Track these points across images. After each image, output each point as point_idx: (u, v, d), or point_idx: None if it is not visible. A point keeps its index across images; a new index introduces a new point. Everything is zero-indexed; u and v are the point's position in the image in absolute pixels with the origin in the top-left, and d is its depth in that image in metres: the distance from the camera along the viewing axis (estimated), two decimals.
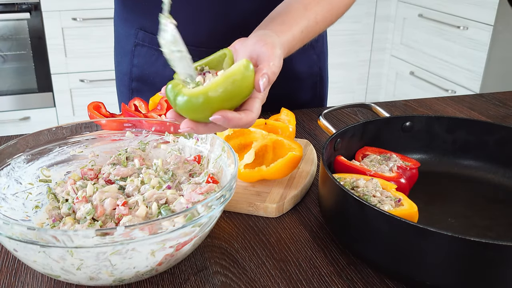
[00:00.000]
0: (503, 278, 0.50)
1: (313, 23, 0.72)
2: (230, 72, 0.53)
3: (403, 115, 0.78)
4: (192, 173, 0.66)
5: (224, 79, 0.53)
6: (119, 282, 0.53)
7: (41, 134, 0.67)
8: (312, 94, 1.09)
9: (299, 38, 0.70)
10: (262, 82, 0.55)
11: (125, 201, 0.57)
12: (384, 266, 0.57)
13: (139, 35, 0.98)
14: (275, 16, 0.70)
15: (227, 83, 0.53)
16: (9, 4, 2.31)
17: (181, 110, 0.54)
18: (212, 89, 0.53)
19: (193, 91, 0.53)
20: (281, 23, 0.68)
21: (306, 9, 0.72)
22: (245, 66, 0.53)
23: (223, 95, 0.53)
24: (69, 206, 0.59)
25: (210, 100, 0.53)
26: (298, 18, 0.70)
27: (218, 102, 0.53)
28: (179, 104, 0.54)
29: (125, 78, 1.04)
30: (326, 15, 0.74)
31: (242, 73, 0.53)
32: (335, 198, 0.60)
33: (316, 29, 0.74)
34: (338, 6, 0.77)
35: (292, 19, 0.69)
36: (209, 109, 0.54)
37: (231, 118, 0.54)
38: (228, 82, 0.53)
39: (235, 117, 0.54)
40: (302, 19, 0.70)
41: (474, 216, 0.67)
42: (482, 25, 2.22)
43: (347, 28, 2.84)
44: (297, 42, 0.70)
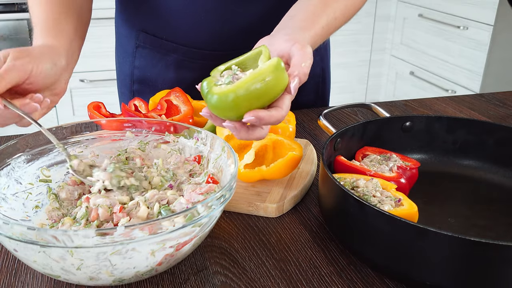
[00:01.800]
0: (503, 278, 0.50)
1: (332, 19, 0.73)
2: (260, 71, 0.53)
3: (403, 115, 0.78)
4: (192, 173, 0.66)
5: (254, 77, 0.52)
6: (119, 282, 0.53)
7: (41, 134, 0.67)
8: (314, 95, 1.09)
9: (320, 34, 0.70)
10: (293, 84, 0.55)
11: (122, 207, 0.57)
12: (384, 266, 0.57)
13: (141, 37, 0.98)
14: (295, 14, 0.70)
15: (256, 82, 0.52)
16: (9, 4, 2.31)
17: (212, 108, 0.55)
18: (242, 87, 0.52)
19: (222, 90, 0.53)
20: (302, 20, 0.68)
21: (326, 6, 0.72)
22: (276, 65, 0.53)
23: (253, 93, 0.53)
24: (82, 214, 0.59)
25: (239, 98, 0.53)
26: (318, 15, 0.70)
27: (248, 101, 0.53)
28: (210, 103, 0.54)
29: (126, 79, 1.04)
30: (344, 10, 0.75)
31: (273, 72, 0.53)
32: (335, 198, 0.60)
33: (336, 24, 0.74)
34: (354, 1, 0.77)
35: (313, 16, 0.70)
36: (239, 108, 0.54)
37: (263, 117, 0.54)
38: (258, 80, 0.52)
39: (266, 115, 0.54)
40: (323, 15, 0.71)
41: (474, 216, 0.67)
42: (482, 25, 2.22)
43: (347, 28, 2.82)
44: (318, 39, 0.70)
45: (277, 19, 0.72)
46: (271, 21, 0.78)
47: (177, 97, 0.84)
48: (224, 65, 0.60)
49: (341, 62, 2.91)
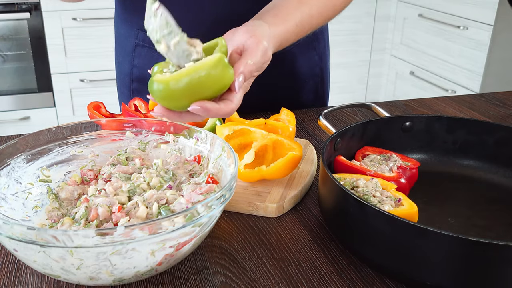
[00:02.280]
0: (503, 278, 0.50)
1: (307, 16, 0.72)
2: (199, 65, 0.53)
3: (403, 115, 0.78)
4: (192, 173, 0.66)
5: (193, 70, 0.53)
6: (119, 282, 0.53)
7: (41, 134, 0.67)
8: (313, 95, 1.09)
9: (293, 31, 0.70)
10: (237, 82, 0.55)
11: (120, 207, 0.57)
12: (384, 266, 0.57)
13: (140, 36, 0.98)
14: (269, 9, 0.70)
15: (192, 76, 0.52)
16: (9, 4, 2.31)
17: (152, 95, 0.55)
18: (174, 80, 0.53)
19: (157, 77, 0.53)
20: (274, 16, 0.68)
21: (301, 3, 0.72)
22: (216, 61, 0.53)
23: (187, 87, 0.53)
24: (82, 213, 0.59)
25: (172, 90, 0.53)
26: (292, 11, 0.70)
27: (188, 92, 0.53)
28: (151, 89, 0.54)
29: (125, 78, 1.04)
30: (321, 9, 0.74)
31: (213, 67, 0.53)
32: (335, 198, 0.60)
33: (311, 23, 0.74)
34: (334, 1, 0.76)
35: (286, 12, 0.69)
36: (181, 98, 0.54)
37: (210, 109, 0.54)
38: (194, 75, 0.52)
39: (213, 107, 0.54)
40: (296, 12, 0.70)
41: (474, 216, 0.67)
42: (482, 25, 2.22)
43: (347, 28, 2.84)
44: (290, 35, 0.70)
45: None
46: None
47: None
48: None
49: (341, 62, 2.91)
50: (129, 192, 0.60)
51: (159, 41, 0.56)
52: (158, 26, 0.55)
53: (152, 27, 0.56)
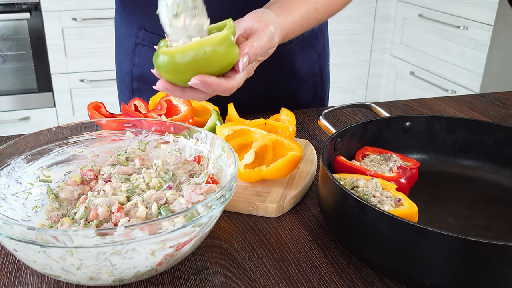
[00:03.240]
0: (503, 278, 0.50)
1: (313, 9, 0.72)
2: (205, 39, 0.53)
3: (403, 115, 0.78)
4: (192, 174, 0.66)
5: (195, 45, 0.52)
6: (119, 282, 0.53)
7: (41, 134, 0.67)
8: (313, 94, 1.09)
9: (299, 23, 0.70)
10: (242, 62, 0.55)
11: (120, 207, 0.57)
12: (384, 266, 0.57)
13: (140, 35, 0.98)
14: (275, 1, 0.71)
15: (197, 50, 0.52)
16: (9, 4, 2.31)
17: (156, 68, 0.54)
18: (180, 52, 0.52)
19: (163, 50, 0.53)
20: (280, 7, 0.69)
21: None
22: (222, 38, 0.53)
23: (192, 61, 0.52)
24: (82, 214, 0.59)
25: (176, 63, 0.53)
26: (298, 3, 0.71)
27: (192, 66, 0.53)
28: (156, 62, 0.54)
29: (126, 77, 1.04)
30: (327, 3, 0.75)
31: (219, 44, 0.52)
32: (335, 198, 0.60)
33: (316, 15, 0.74)
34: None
35: (292, 4, 0.70)
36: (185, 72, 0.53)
37: (210, 83, 0.54)
38: (199, 49, 0.52)
39: (214, 82, 0.54)
40: (302, 4, 0.71)
41: (474, 216, 0.67)
42: (482, 25, 2.22)
43: (347, 28, 2.84)
44: (296, 27, 0.70)
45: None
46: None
47: None
48: None
49: (341, 62, 2.91)
50: (128, 192, 0.60)
51: (179, 14, 0.54)
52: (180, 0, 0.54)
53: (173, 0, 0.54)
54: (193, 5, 0.55)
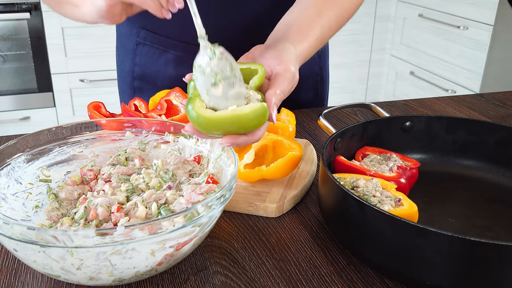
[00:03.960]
0: (503, 278, 0.50)
1: (327, 29, 0.73)
2: (240, 114, 0.54)
3: (403, 115, 0.78)
4: (192, 174, 0.66)
5: (231, 117, 0.54)
6: (119, 282, 0.53)
7: (41, 134, 0.67)
8: (313, 94, 1.09)
9: (314, 45, 0.71)
10: (274, 115, 0.57)
11: (119, 206, 0.57)
12: (384, 266, 0.57)
13: (141, 34, 0.98)
14: (291, 24, 0.71)
15: (233, 120, 0.54)
16: (9, 4, 2.31)
17: (188, 117, 0.56)
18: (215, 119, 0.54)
19: (202, 112, 0.54)
20: (296, 33, 0.69)
21: (320, 16, 0.72)
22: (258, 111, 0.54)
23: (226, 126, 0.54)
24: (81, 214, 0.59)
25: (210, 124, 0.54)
26: (313, 26, 0.71)
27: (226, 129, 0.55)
28: (190, 115, 0.55)
29: (127, 77, 1.04)
30: (338, 19, 0.76)
31: (252, 114, 0.54)
32: (335, 198, 0.60)
33: (330, 34, 0.75)
34: (348, 9, 0.78)
35: (308, 27, 0.70)
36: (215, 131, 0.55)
37: (240, 143, 0.56)
38: (235, 119, 0.54)
39: (243, 141, 0.56)
40: (317, 26, 0.71)
41: (474, 216, 0.67)
42: (482, 25, 2.22)
43: (347, 28, 2.82)
44: (313, 50, 0.72)
45: (274, 17, 0.72)
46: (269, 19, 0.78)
47: (177, 97, 0.84)
48: None
49: (341, 62, 2.91)
50: (127, 191, 0.60)
51: (217, 83, 0.55)
52: (219, 68, 0.55)
53: (211, 69, 0.55)
54: (231, 74, 0.55)
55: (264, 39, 0.69)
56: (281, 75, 0.61)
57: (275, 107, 0.58)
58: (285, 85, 0.60)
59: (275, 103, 0.58)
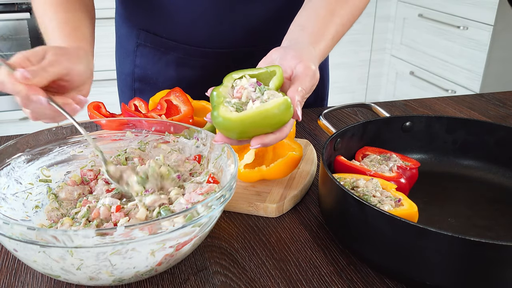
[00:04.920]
0: (503, 278, 0.50)
1: (340, 27, 0.74)
2: (262, 109, 0.56)
3: (403, 115, 0.78)
4: (193, 173, 0.66)
5: (255, 114, 0.55)
6: (119, 282, 0.53)
7: (41, 134, 0.67)
8: (313, 94, 1.09)
9: (330, 44, 0.72)
10: (299, 111, 0.58)
11: (119, 206, 0.57)
12: (384, 266, 0.57)
13: (141, 36, 0.98)
14: (305, 25, 0.72)
15: (256, 117, 0.55)
16: (9, 4, 2.31)
17: (214, 124, 0.58)
18: (240, 119, 0.56)
19: (228, 115, 0.56)
20: (312, 34, 0.70)
21: (333, 15, 0.73)
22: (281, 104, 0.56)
23: (250, 125, 0.56)
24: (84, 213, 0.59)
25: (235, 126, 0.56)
26: (328, 25, 0.72)
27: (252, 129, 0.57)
28: (216, 121, 0.57)
29: (127, 78, 1.04)
30: (349, 17, 0.77)
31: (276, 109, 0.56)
32: (335, 198, 0.60)
33: (343, 32, 0.76)
34: (358, 6, 0.79)
35: (323, 27, 0.71)
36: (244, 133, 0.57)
37: (268, 142, 0.58)
38: (258, 116, 0.55)
39: (271, 141, 0.58)
40: (331, 24, 0.73)
41: (474, 216, 0.67)
42: (482, 25, 2.22)
43: None
44: (329, 49, 0.73)
45: (276, 18, 0.72)
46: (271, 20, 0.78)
47: (177, 97, 0.84)
48: (237, 73, 0.61)
49: (341, 62, 2.90)
50: (140, 180, 0.61)
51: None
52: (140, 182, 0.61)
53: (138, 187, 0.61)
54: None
55: (269, 41, 0.70)
56: (301, 73, 0.61)
57: (299, 104, 0.59)
58: (307, 83, 0.61)
59: (298, 100, 0.59)
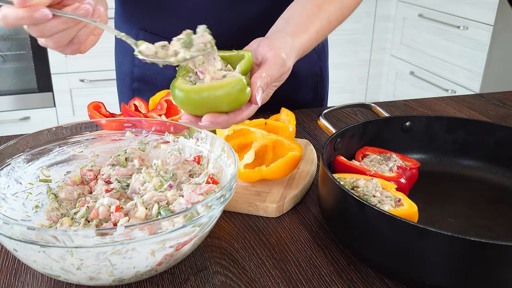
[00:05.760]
0: (503, 278, 0.50)
1: (326, 23, 0.74)
2: (215, 84, 0.56)
3: (403, 115, 0.78)
4: (192, 174, 0.66)
5: (209, 87, 0.56)
6: (118, 282, 0.53)
7: (41, 134, 0.67)
8: (312, 94, 1.09)
9: (315, 38, 0.71)
10: (258, 96, 0.58)
11: (118, 206, 0.57)
12: (384, 266, 0.57)
13: (140, 35, 0.98)
14: (290, 17, 0.71)
15: (210, 92, 0.56)
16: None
17: (172, 97, 0.59)
18: (194, 92, 0.56)
19: (180, 86, 0.57)
20: (296, 25, 0.70)
21: (320, 10, 0.73)
22: (235, 83, 0.56)
23: (205, 100, 0.56)
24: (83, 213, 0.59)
25: (191, 99, 0.57)
26: (313, 19, 0.71)
27: (205, 105, 0.57)
28: (172, 93, 0.58)
29: (126, 78, 1.04)
30: (338, 14, 0.76)
31: (230, 87, 0.56)
32: (335, 198, 0.60)
33: (329, 28, 0.76)
34: (348, 5, 0.78)
35: (308, 20, 0.71)
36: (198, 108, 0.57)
37: (220, 122, 0.57)
38: (212, 91, 0.56)
39: (223, 121, 0.58)
40: (317, 19, 0.72)
41: (474, 216, 0.67)
42: (482, 25, 2.22)
43: (347, 28, 2.84)
44: (313, 43, 0.72)
45: (275, 18, 0.72)
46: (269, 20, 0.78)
47: None
48: None
49: (341, 62, 2.91)
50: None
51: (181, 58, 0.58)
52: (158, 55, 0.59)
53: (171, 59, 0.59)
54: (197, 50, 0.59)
55: None
56: (270, 60, 0.61)
57: (260, 89, 0.58)
58: (274, 70, 0.60)
59: (260, 86, 0.58)
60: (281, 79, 0.63)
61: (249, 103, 0.59)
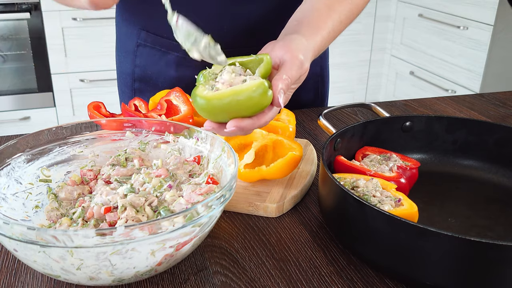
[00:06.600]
0: (503, 278, 0.50)
1: (337, 23, 0.74)
2: (237, 89, 0.56)
3: (403, 115, 0.78)
4: (192, 174, 0.66)
5: (230, 93, 0.56)
6: (118, 282, 0.53)
7: (41, 134, 0.67)
8: (313, 94, 1.09)
9: (327, 38, 0.72)
10: (281, 99, 0.58)
11: (108, 208, 0.57)
12: (384, 266, 0.57)
13: (142, 35, 0.98)
14: (302, 19, 0.72)
15: (232, 98, 0.56)
16: (9, 4, 2.31)
17: (194, 106, 0.59)
18: (216, 99, 0.57)
19: (201, 93, 0.57)
20: (308, 27, 0.70)
21: (331, 10, 0.73)
22: (256, 86, 0.56)
23: (227, 106, 0.57)
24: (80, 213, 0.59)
25: (212, 106, 0.57)
26: (324, 20, 0.72)
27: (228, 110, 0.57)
28: (194, 102, 0.58)
29: (127, 78, 1.04)
30: (348, 14, 0.76)
31: (251, 91, 0.56)
32: (335, 198, 0.60)
33: (340, 28, 0.76)
34: (357, 4, 0.79)
35: (320, 21, 0.71)
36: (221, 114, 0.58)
37: (244, 126, 0.58)
38: (234, 97, 0.56)
39: (248, 124, 0.58)
40: (328, 20, 0.72)
41: (474, 216, 0.67)
42: (482, 25, 2.22)
43: (347, 28, 2.83)
44: (325, 43, 0.72)
45: (277, 18, 0.72)
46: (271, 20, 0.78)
47: (177, 97, 0.84)
48: (228, 60, 0.62)
49: (341, 62, 2.91)
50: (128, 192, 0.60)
51: (190, 49, 0.59)
52: (183, 37, 0.59)
53: (180, 39, 0.59)
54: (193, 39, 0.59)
55: (270, 41, 0.70)
56: (288, 62, 0.61)
57: (282, 92, 0.58)
58: (293, 71, 0.61)
59: (282, 88, 0.58)
60: (299, 80, 0.64)
61: (271, 106, 0.59)
